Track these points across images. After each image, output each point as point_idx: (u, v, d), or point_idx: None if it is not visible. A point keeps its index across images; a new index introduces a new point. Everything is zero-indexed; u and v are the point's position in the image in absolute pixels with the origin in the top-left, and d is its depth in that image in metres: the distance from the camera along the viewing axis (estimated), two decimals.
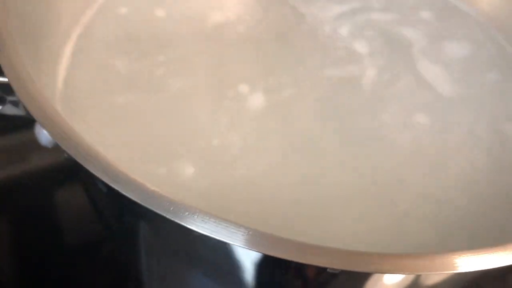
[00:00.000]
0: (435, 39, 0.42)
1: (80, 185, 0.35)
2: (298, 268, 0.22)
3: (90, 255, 0.34)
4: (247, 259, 0.23)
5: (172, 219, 0.18)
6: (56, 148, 0.21)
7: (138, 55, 0.36)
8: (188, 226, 0.18)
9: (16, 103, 0.27)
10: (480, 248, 0.20)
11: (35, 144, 0.29)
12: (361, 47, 0.40)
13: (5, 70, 0.23)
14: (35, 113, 0.21)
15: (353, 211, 0.30)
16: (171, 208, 0.19)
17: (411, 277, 0.23)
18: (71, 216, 0.35)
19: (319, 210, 0.30)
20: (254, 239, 0.18)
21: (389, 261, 0.19)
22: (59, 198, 0.36)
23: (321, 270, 0.20)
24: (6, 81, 0.23)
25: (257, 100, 0.35)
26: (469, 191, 0.32)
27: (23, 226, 0.35)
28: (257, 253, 0.19)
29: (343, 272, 0.20)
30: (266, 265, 0.23)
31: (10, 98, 0.26)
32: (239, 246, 0.18)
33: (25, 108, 0.22)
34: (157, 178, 0.30)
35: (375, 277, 0.22)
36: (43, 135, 0.27)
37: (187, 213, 0.18)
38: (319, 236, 0.27)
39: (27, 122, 0.26)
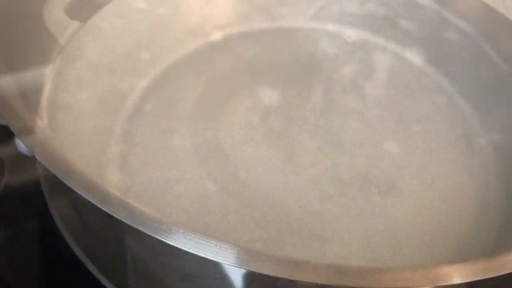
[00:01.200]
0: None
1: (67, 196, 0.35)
2: (288, 285, 0.21)
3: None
4: (235, 275, 0.22)
5: (149, 233, 0.18)
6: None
7: (122, 74, 0.36)
8: (167, 242, 0.18)
9: None
10: (473, 259, 0.20)
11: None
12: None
13: None
14: (12, 124, 0.21)
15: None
16: (152, 224, 0.18)
17: None
18: (62, 226, 0.35)
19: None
20: (231, 254, 0.17)
21: (381, 275, 0.19)
22: (51, 207, 0.35)
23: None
24: None
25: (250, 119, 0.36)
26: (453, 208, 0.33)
27: (18, 236, 0.35)
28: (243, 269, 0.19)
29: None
30: (253, 281, 0.22)
31: None
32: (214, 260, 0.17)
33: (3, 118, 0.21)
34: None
35: None
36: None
37: (164, 227, 0.18)
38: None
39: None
